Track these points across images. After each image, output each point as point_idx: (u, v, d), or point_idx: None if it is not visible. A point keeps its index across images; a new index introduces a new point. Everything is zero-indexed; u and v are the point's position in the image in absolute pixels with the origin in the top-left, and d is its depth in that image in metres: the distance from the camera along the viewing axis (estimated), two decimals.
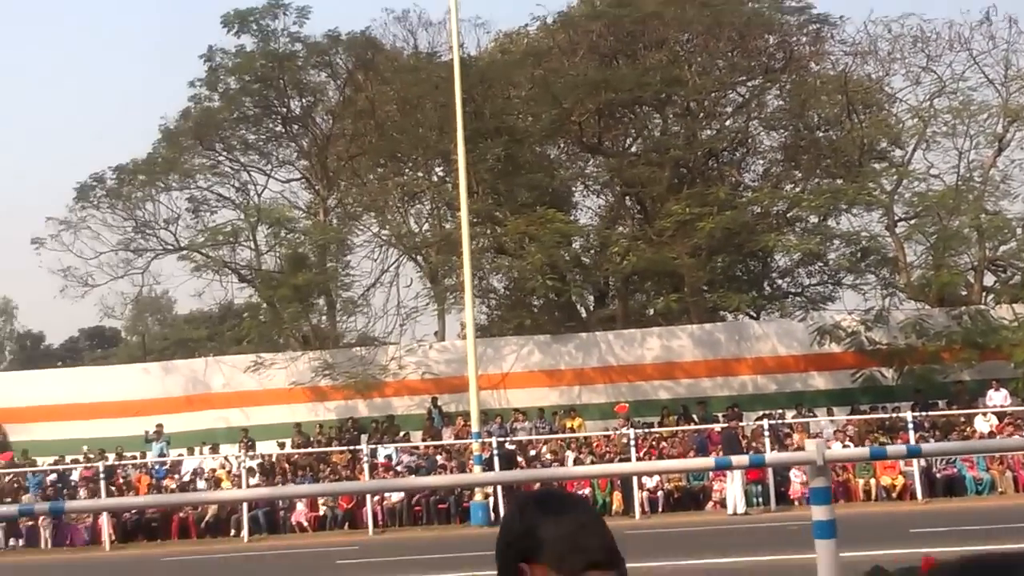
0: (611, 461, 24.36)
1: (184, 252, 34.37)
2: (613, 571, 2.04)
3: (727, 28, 32.19)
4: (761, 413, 27.85)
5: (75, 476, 27.81)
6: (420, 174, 35.31)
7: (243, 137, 35.27)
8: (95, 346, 71.01)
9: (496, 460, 24.54)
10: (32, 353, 66.94)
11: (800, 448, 18.84)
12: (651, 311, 35.68)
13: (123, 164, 34.06)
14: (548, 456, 26.65)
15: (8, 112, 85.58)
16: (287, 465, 27.61)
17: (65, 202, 33.87)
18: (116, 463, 28.01)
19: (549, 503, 2.14)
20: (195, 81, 33.82)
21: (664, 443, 26.37)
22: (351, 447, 28.00)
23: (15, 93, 73.76)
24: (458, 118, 24.73)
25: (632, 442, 24.67)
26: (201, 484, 26.61)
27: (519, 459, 25.87)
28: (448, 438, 28.62)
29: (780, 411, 28.28)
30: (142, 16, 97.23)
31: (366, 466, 25.45)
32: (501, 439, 26.18)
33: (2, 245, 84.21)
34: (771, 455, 20.58)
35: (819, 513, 5.64)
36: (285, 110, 34.89)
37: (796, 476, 23.40)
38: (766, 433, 24.72)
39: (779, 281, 36.76)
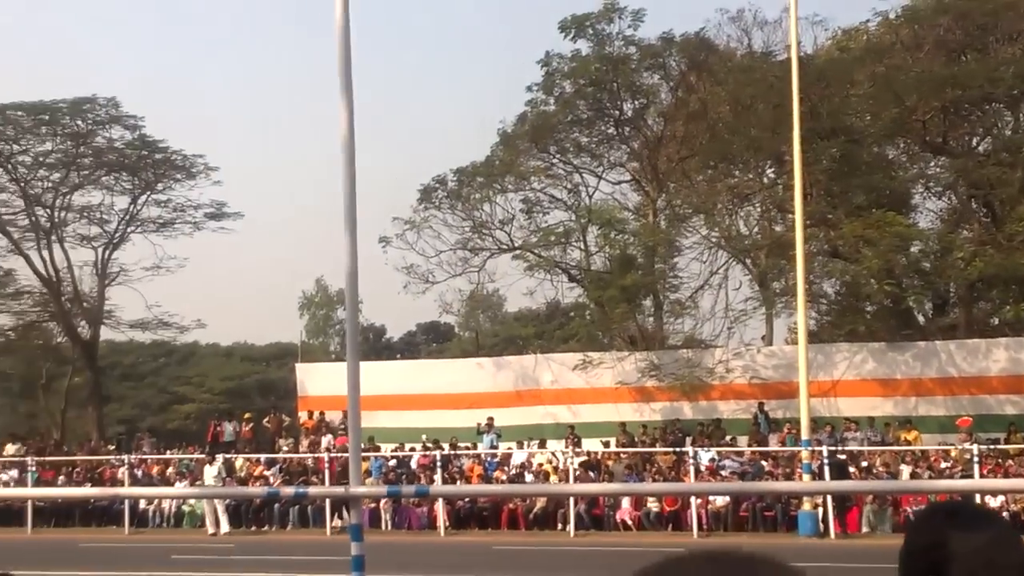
0: (951, 478, 23.02)
1: (518, 252, 35.53)
2: None
3: None
4: None
5: (413, 463, 29.26)
6: (751, 176, 34.79)
7: (576, 140, 36.01)
8: (430, 340, 74.65)
9: (827, 469, 23.74)
10: (375, 345, 71.18)
11: None
12: (997, 320, 33.47)
13: (463, 167, 35.69)
14: (880, 468, 25.55)
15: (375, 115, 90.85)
16: (610, 463, 27.91)
17: (409, 203, 35.86)
18: (451, 452, 29.24)
19: (960, 515, 2.02)
20: (532, 86, 34.86)
21: (1011, 461, 24.72)
22: (676, 448, 27.94)
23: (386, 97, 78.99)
24: (794, 118, 24.11)
25: (975, 458, 23.21)
26: (528, 477, 27.31)
27: (851, 470, 24.90)
28: (774, 444, 28.04)
29: None
30: (487, 22, 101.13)
31: (691, 468, 25.30)
32: (832, 448, 25.34)
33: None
34: None
35: None
36: (618, 113, 35.29)
37: None
38: None
39: None
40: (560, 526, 25.56)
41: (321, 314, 76.00)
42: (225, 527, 26.08)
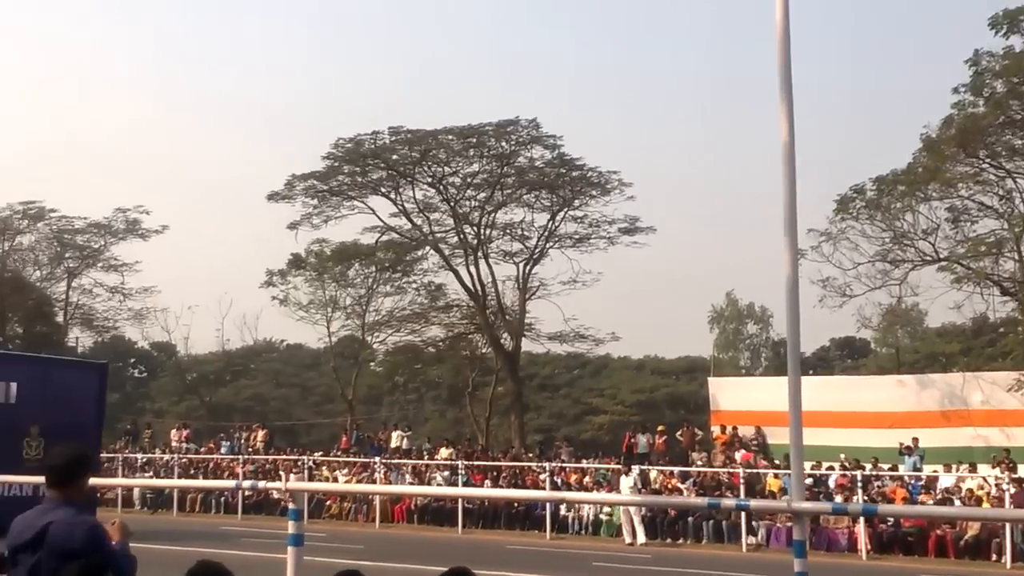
0: None
1: (943, 263, 33.54)
2: None
3: None
4: None
5: (831, 482, 28.26)
6: None
7: (1009, 143, 33.41)
8: (845, 356, 72.17)
9: None
10: (787, 360, 69.73)
11: None
12: None
13: (883, 175, 34.17)
14: None
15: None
16: None
17: (826, 213, 34.81)
18: (872, 473, 27.99)
19: None
20: (959, 87, 32.77)
21: None
22: None
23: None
24: None
25: None
26: (955, 503, 25.58)
27: None
28: None
29: None
30: (906, 22, 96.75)
31: None
32: None
33: (764, 258, 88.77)
34: None
35: None
36: None
37: None
38: None
39: None
40: (994, 556, 23.73)
41: (731, 328, 75.66)
42: (641, 537, 26.39)
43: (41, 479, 5.31)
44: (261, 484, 12.10)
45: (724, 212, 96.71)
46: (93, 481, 5.38)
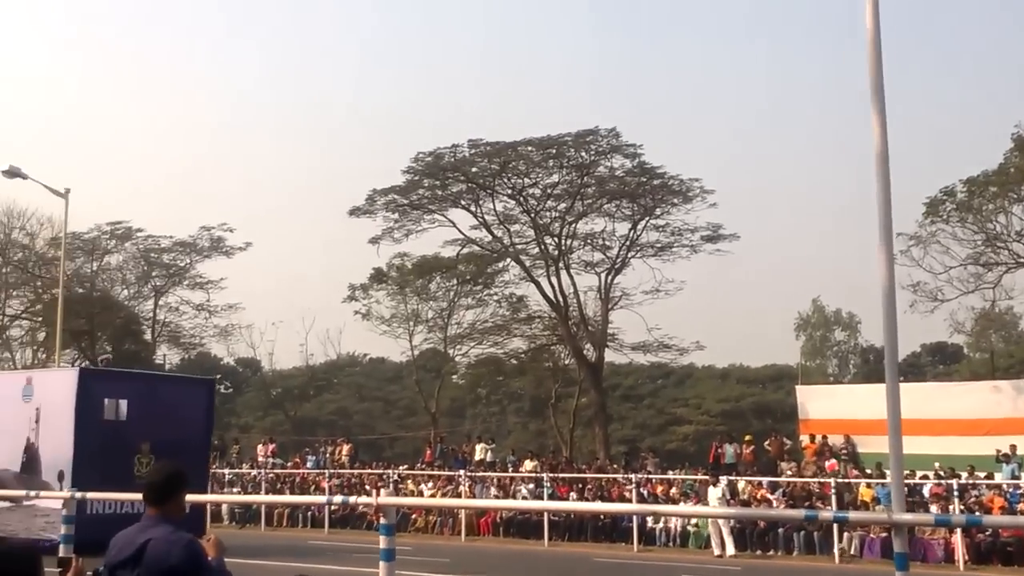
0: None
1: None
2: None
3: None
4: None
5: (925, 491, 27.60)
6: None
7: None
8: (936, 362, 70.69)
9: None
10: (876, 367, 68.52)
11: None
12: None
13: (974, 176, 33.39)
14: None
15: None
16: None
17: (915, 217, 34.11)
18: (968, 482, 27.26)
19: None
20: None
21: None
22: None
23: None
24: None
25: None
26: None
27: None
28: None
29: None
30: (1001, 21, 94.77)
31: None
32: None
33: (851, 264, 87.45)
34: None
35: None
36: None
37: None
38: None
39: None
40: None
41: (818, 335, 74.59)
42: (731, 549, 25.99)
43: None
44: (352, 499, 12.12)
45: (809, 217, 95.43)
46: (189, 498, 5.39)
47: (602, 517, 28.69)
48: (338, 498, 11.60)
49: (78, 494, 11.90)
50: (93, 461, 19.63)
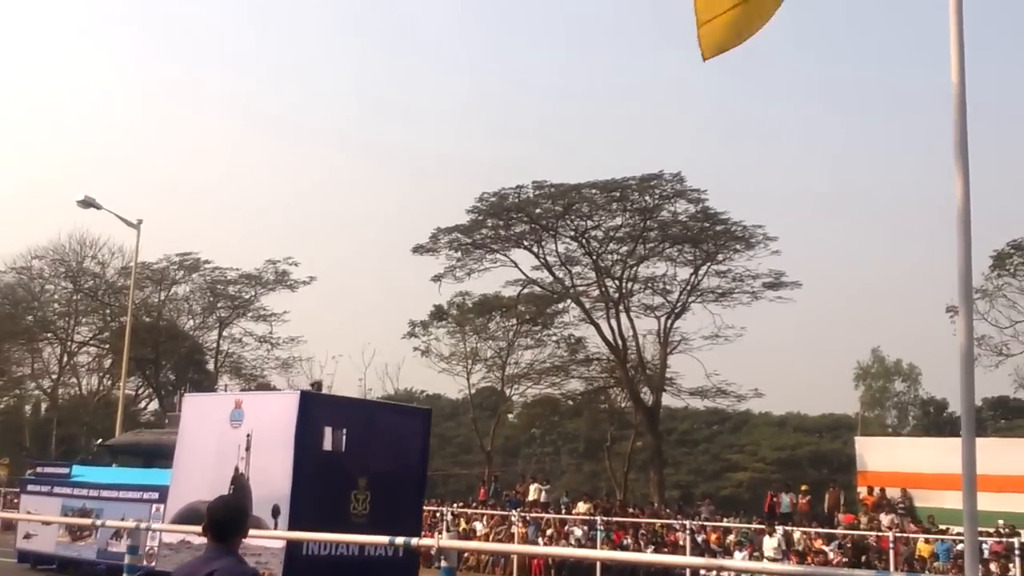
0: None
1: None
2: None
3: None
4: None
5: (985, 550, 27.22)
6: None
7: None
8: (998, 416, 69.58)
9: None
10: (935, 420, 67.64)
11: None
12: None
13: None
14: None
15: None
16: None
17: (981, 270, 33.87)
18: None
19: None
20: None
21: None
22: None
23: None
24: None
25: None
26: None
27: None
28: None
29: None
30: None
31: None
32: None
33: (913, 314, 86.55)
34: None
35: None
36: None
37: None
38: None
39: None
40: None
41: (877, 385, 73.76)
42: None
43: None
44: (415, 541, 12.11)
45: (870, 266, 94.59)
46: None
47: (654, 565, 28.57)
48: (400, 539, 11.32)
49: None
50: (311, 496, 17.33)
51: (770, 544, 26.68)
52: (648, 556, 28.32)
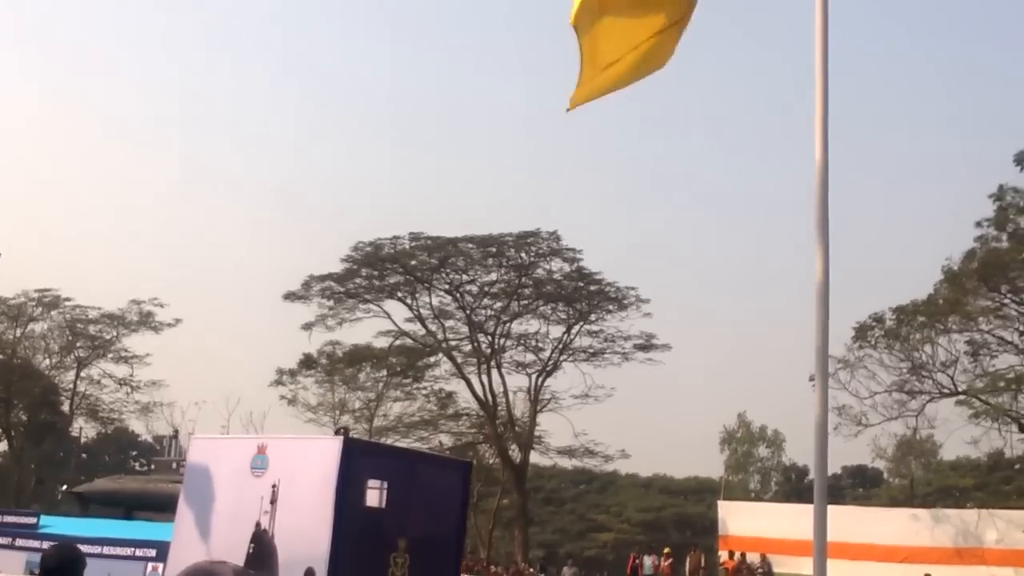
0: None
1: (962, 397, 33.18)
2: None
3: None
4: None
5: None
6: None
7: None
8: (856, 484, 71.27)
9: None
10: (796, 486, 68.88)
11: None
12: None
13: (903, 305, 34.01)
14: None
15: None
16: None
17: (843, 341, 34.55)
18: None
19: None
20: (983, 221, 32.73)
21: None
22: None
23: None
24: None
25: None
26: None
27: None
28: None
29: None
30: (933, 157, 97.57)
31: None
32: None
33: (778, 381, 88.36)
34: None
35: None
36: None
37: None
38: None
39: None
40: None
41: (742, 450, 74.83)
42: None
43: None
44: None
45: (739, 333, 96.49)
46: None
47: None
48: None
49: None
50: (352, 560, 14.89)
51: None
52: None
